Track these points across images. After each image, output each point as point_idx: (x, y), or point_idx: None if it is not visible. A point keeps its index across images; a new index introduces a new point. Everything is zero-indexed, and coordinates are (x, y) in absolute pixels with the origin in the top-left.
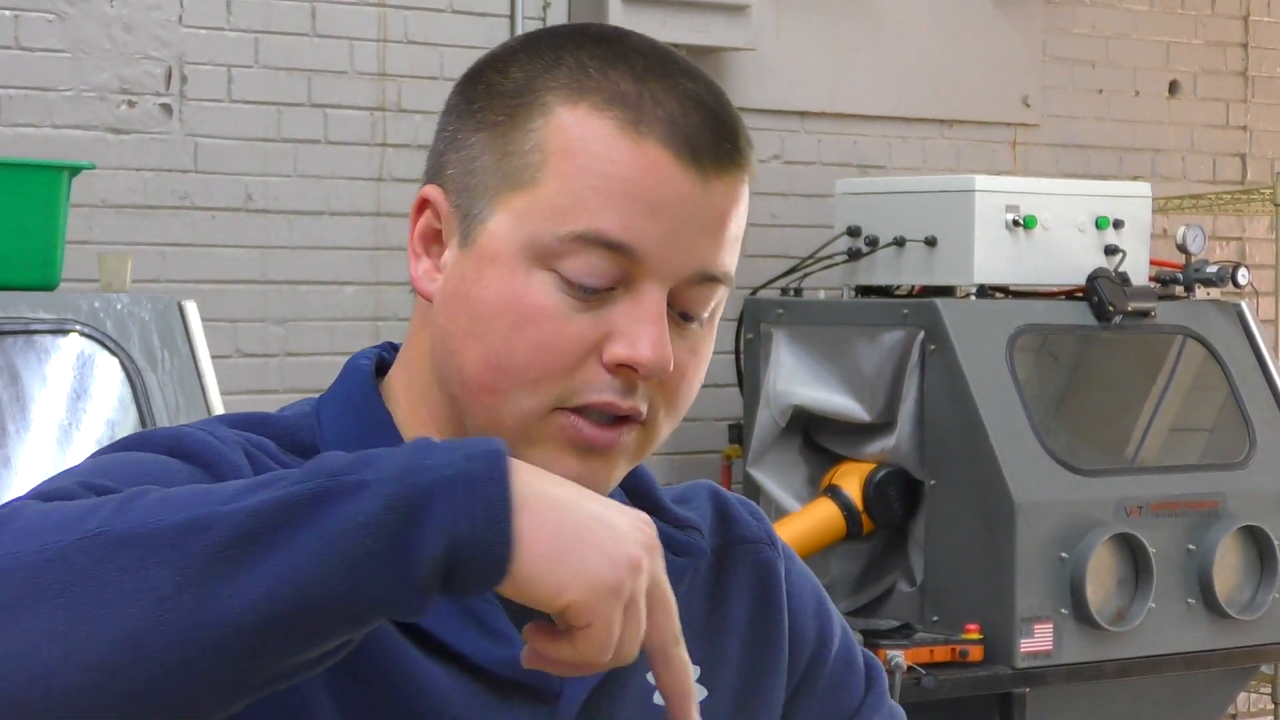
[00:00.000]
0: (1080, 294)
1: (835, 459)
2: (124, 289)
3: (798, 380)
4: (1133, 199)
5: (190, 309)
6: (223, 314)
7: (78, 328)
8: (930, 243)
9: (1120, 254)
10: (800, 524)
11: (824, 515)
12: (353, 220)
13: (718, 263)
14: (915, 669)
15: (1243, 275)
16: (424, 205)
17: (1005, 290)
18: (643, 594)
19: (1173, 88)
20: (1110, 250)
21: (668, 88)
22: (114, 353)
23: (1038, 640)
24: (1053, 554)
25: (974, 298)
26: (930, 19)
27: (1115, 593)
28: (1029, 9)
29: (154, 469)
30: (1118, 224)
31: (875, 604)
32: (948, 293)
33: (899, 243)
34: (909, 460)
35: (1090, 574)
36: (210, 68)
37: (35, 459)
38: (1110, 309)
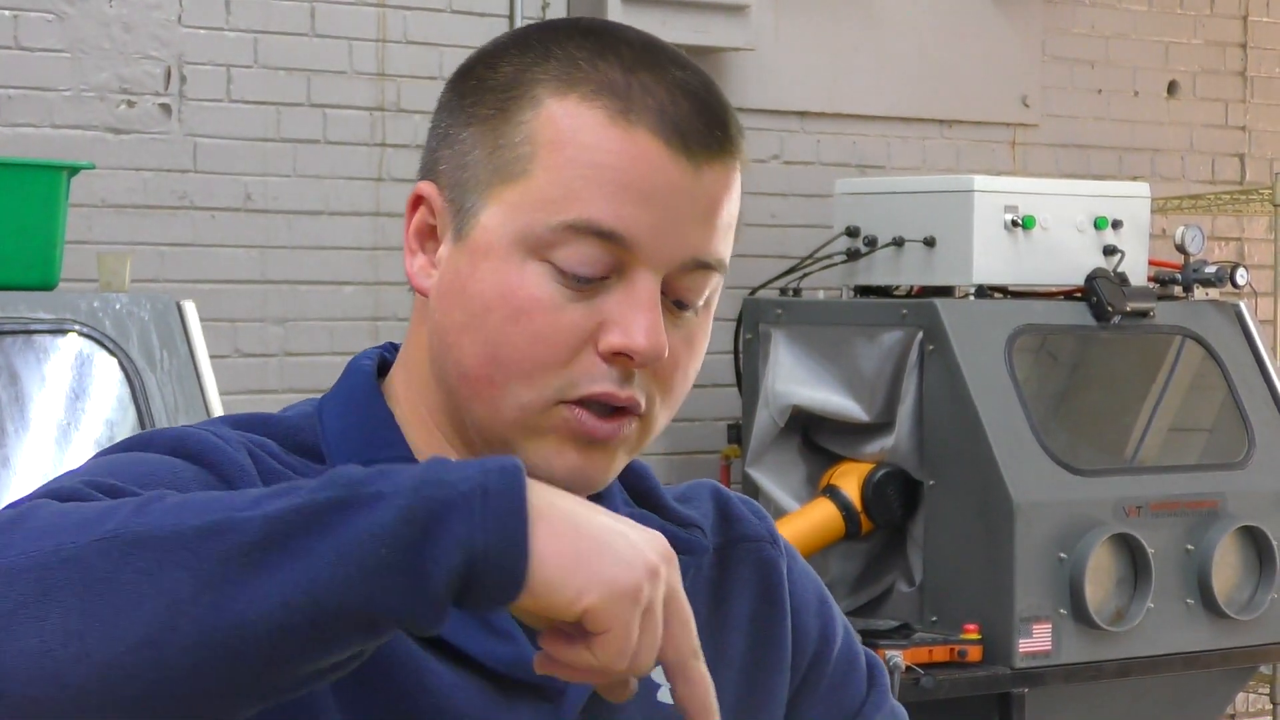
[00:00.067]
0: (1079, 294)
1: (834, 459)
2: (123, 289)
3: (796, 380)
4: (1132, 199)
5: (189, 309)
6: (222, 314)
7: (77, 328)
8: (929, 243)
9: (1119, 254)
10: (799, 524)
11: (823, 515)
12: (352, 220)
13: (710, 249)
14: (914, 669)
15: (1241, 275)
16: (418, 202)
17: (1004, 290)
18: (660, 602)
19: (1172, 88)
20: (1109, 250)
21: (657, 77)
22: (113, 353)
23: (1036, 640)
24: (1052, 554)
25: (973, 298)
26: (930, 19)
27: (1114, 593)
28: (1028, 9)
29: (158, 469)
30: (1116, 224)
31: (874, 604)
32: (947, 293)
33: (898, 243)
34: (908, 460)
35: (1089, 574)
36: (209, 67)
37: (34, 459)
38: (1109, 309)
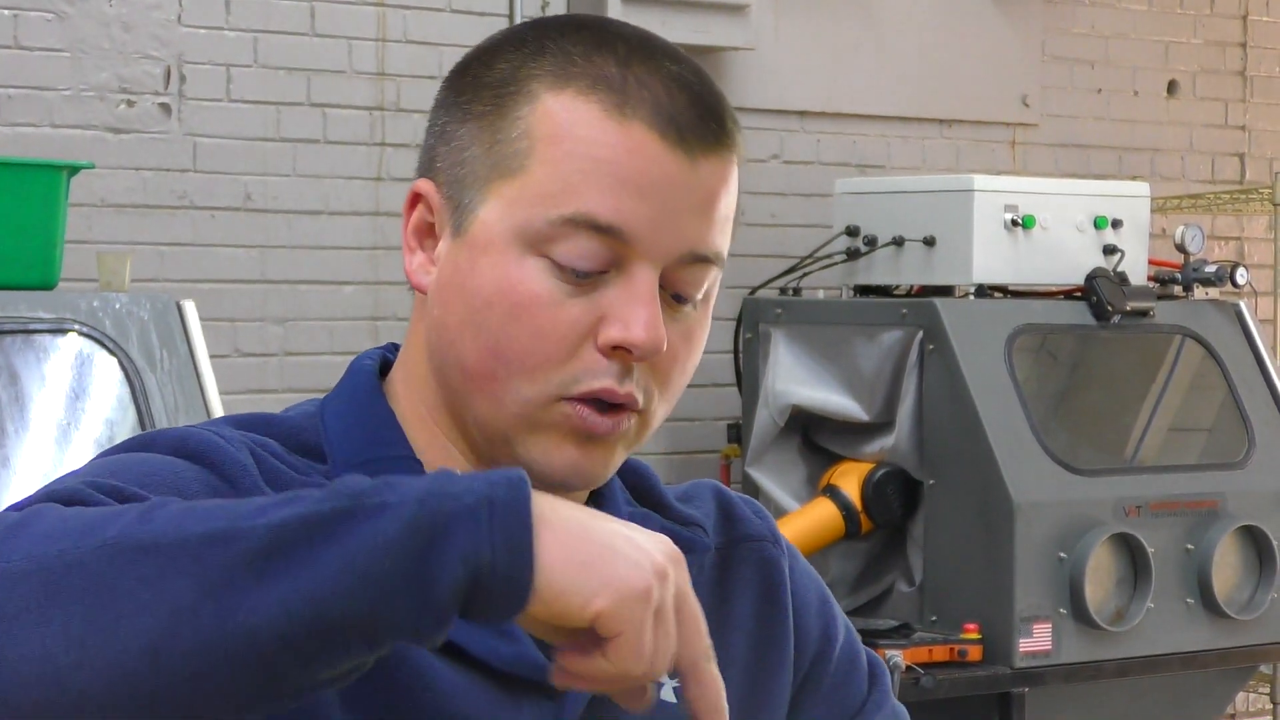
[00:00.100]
0: (1079, 294)
1: (834, 459)
2: (123, 288)
3: (796, 380)
4: (1131, 199)
5: (189, 308)
6: (222, 313)
7: (76, 327)
8: (929, 242)
9: (1119, 254)
10: (799, 524)
11: (823, 515)
12: (352, 220)
13: (708, 242)
14: (914, 669)
15: (1241, 275)
16: (416, 199)
17: (1004, 290)
18: (670, 603)
19: (1171, 87)
20: (1109, 250)
21: (652, 70)
22: (113, 352)
23: (1036, 640)
24: (1051, 554)
25: (973, 297)
26: (930, 19)
27: (1114, 592)
28: (1028, 9)
29: (160, 469)
30: (1116, 224)
31: (874, 604)
32: (946, 292)
33: (898, 242)
34: (908, 460)
35: (1089, 574)
36: (209, 67)
37: (34, 459)
38: (1109, 309)
